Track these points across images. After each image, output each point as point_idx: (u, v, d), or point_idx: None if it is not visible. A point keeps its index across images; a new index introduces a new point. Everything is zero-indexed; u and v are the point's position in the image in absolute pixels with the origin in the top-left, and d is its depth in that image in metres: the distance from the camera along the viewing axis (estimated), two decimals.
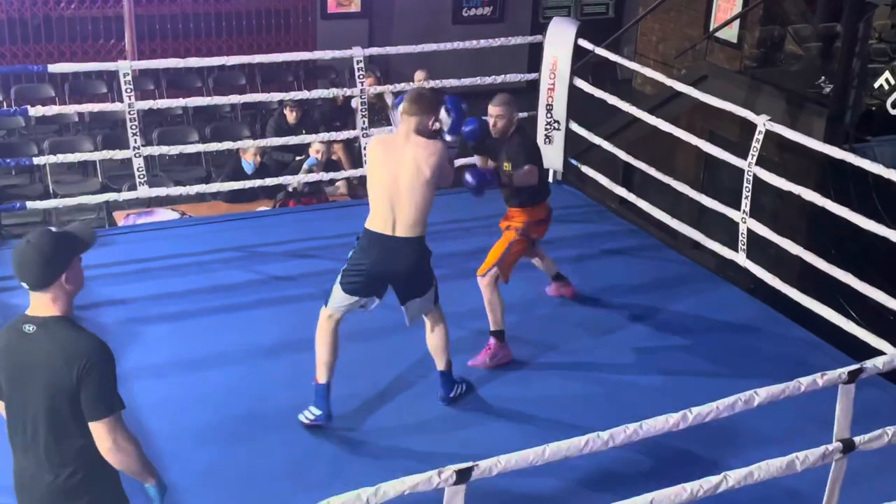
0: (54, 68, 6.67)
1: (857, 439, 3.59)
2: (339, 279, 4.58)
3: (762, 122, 5.89)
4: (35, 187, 8.64)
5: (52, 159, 7.00)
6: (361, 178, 6.64)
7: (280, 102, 8.86)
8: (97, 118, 9.84)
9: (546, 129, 7.35)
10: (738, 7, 10.75)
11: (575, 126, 7.39)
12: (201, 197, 7.79)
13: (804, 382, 3.46)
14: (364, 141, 7.01)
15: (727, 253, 6.16)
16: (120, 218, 7.62)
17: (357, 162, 7.90)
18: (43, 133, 9.63)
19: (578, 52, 7.27)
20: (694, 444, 4.31)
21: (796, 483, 3.81)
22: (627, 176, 8.17)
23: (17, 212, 6.92)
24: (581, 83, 7.32)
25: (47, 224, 8.12)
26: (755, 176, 5.90)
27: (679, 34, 11.87)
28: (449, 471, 2.91)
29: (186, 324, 5.52)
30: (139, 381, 4.76)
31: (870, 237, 5.36)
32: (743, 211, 5.98)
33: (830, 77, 7.81)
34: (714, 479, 3.29)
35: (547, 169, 6.84)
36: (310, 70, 11.48)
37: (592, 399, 4.96)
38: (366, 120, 7.08)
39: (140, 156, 6.52)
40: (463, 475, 2.92)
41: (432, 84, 7.53)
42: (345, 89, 7.78)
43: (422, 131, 4.49)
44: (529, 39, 8.07)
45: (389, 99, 8.16)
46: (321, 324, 4.61)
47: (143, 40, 10.76)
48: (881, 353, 4.50)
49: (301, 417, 4.61)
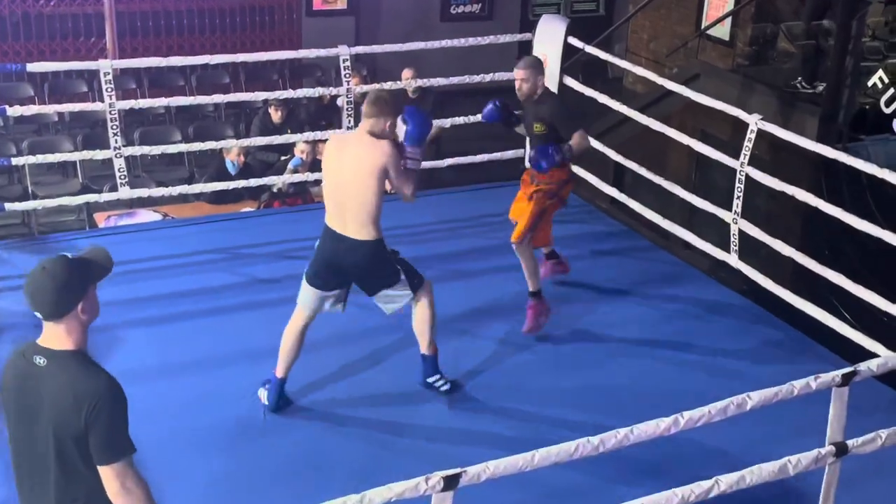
0: (33, 67, 6.65)
1: (851, 443, 3.61)
2: (305, 270, 4.67)
3: (754, 122, 5.92)
4: (14, 188, 8.60)
5: (32, 160, 6.98)
6: None
7: (265, 101, 8.85)
8: (77, 118, 9.80)
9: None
10: (731, 4, 10.80)
11: None
12: (184, 198, 7.78)
13: (797, 385, 3.49)
14: None
15: (719, 254, 6.18)
16: (101, 220, 7.59)
17: None
18: (22, 133, 9.59)
19: (568, 51, 7.28)
20: (685, 448, 4.32)
21: (789, 488, 3.83)
22: (618, 176, 8.17)
23: None
24: (571, 82, 7.33)
25: (26, 224, 8.13)
26: (747, 176, 5.93)
27: (670, 32, 11.91)
28: (436, 477, 2.91)
29: (169, 328, 5.51)
30: None
31: (863, 238, 5.38)
32: (735, 211, 6.01)
33: (808, 77, 7.85)
34: (706, 484, 3.31)
35: None
36: (295, 68, 11.46)
37: (582, 403, 4.97)
38: (352, 119, 7.08)
39: (121, 156, 6.51)
40: (451, 482, 2.93)
41: (420, 83, 7.53)
42: (331, 88, 7.78)
43: (375, 133, 4.47)
44: (519, 37, 8.08)
45: None
46: (291, 319, 4.69)
47: (125, 38, 10.72)
48: (875, 356, 4.52)
49: (260, 393, 4.78)
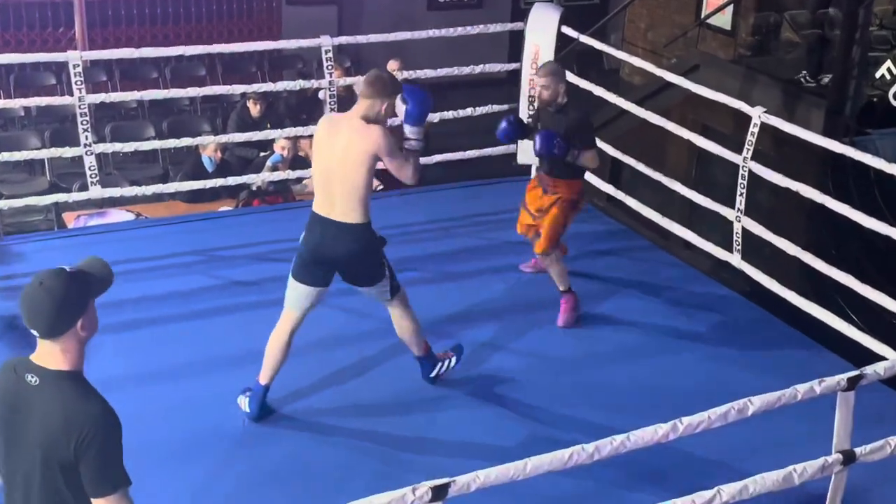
0: None
1: (858, 450, 3.62)
2: (291, 267, 4.69)
3: (758, 115, 5.94)
4: None
5: None
6: None
7: (243, 95, 8.85)
8: (45, 112, 9.78)
9: (528, 122, 7.35)
10: None
11: None
12: (158, 197, 7.76)
13: (801, 390, 3.49)
14: None
15: (721, 254, 6.20)
16: (70, 220, 7.58)
17: None
18: None
19: (562, 40, 7.29)
20: (685, 456, 4.33)
21: (792, 496, 3.84)
22: (615, 172, 8.20)
23: None
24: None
25: None
26: (750, 171, 5.94)
27: (669, 21, 11.94)
28: (424, 487, 2.91)
29: (143, 334, 5.50)
30: None
31: (871, 236, 5.40)
32: (737, 209, 6.03)
33: (813, 68, 7.88)
34: (707, 494, 3.31)
35: None
36: (275, 60, 11.46)
37: (579, 407, 4.97)
38: (334, 113, 7.08)
39: (92, 153, 6.48)
40: (439, 492, 2.92)
41: (406, 75, 7.53)
42: (312, 81, 7.78)
43: (370, 118, 4.50)
44: (510, 27, 8.09)
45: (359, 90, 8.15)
46: (278, 323, 4.70)
47: (95, 27, 10.69)
48: (882, 359, 4.55)
49: (240, 401, 4.75)
